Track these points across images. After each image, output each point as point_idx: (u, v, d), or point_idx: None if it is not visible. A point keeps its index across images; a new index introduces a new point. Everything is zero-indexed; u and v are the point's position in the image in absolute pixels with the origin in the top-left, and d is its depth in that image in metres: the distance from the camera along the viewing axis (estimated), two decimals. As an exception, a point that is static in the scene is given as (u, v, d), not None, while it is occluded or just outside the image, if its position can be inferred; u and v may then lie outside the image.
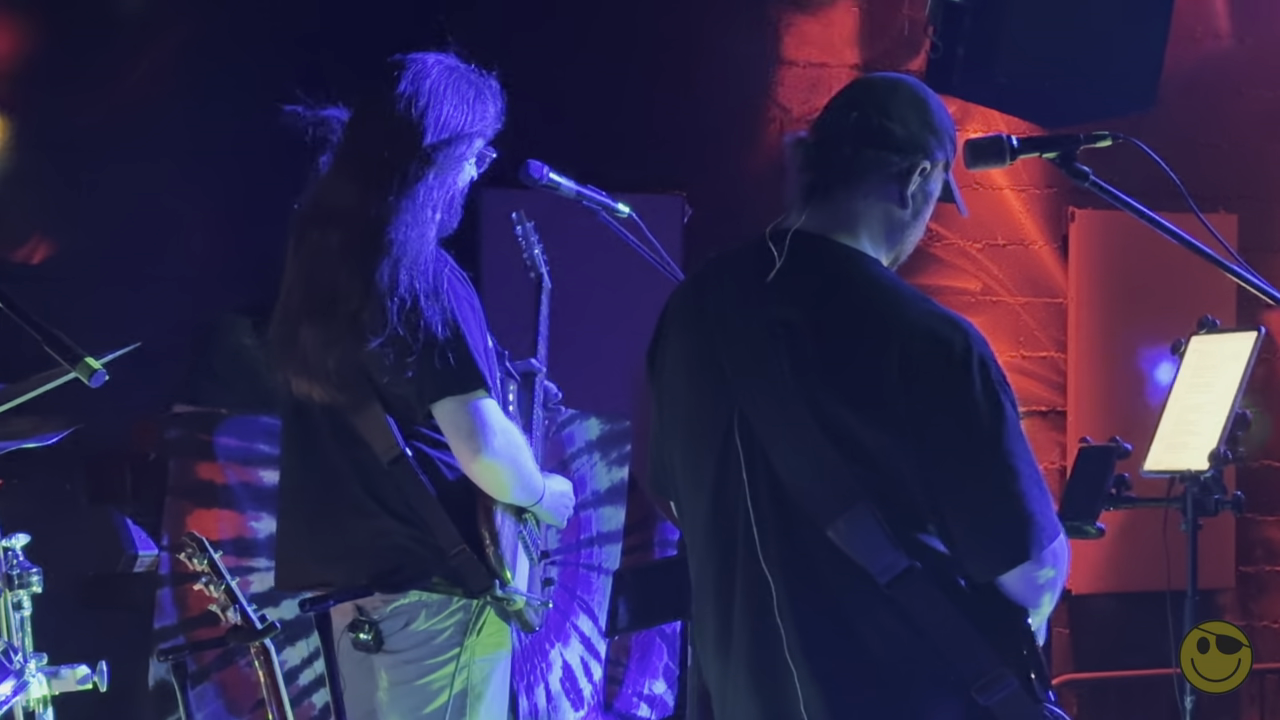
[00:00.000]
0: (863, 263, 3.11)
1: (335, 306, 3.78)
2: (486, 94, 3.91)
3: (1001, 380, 2.99)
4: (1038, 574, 2.99)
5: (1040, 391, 7.11)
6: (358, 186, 3.82)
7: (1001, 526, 2.97)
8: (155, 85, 5.75)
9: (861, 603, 3.00)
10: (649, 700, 5.42)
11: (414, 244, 3.76)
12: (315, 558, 3.93)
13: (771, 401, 3.05)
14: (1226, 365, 4.51)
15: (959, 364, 2.97)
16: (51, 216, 5.54)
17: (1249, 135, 7.41)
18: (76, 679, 3.54)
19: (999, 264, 7.10)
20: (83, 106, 5.69)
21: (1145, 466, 4.57)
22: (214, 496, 4.75)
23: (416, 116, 3.80)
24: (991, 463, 2.97)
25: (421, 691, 3.88)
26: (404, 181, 3.78)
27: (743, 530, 3.08)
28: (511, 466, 3.82)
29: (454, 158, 3.86)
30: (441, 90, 3.84)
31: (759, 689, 3.09)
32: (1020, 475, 2.97)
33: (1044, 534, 2.97)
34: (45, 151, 5.65)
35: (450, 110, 3.84)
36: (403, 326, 3.70)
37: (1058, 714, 3.00)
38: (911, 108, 3.15)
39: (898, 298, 3.05)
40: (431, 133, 3.81)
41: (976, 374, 2.96)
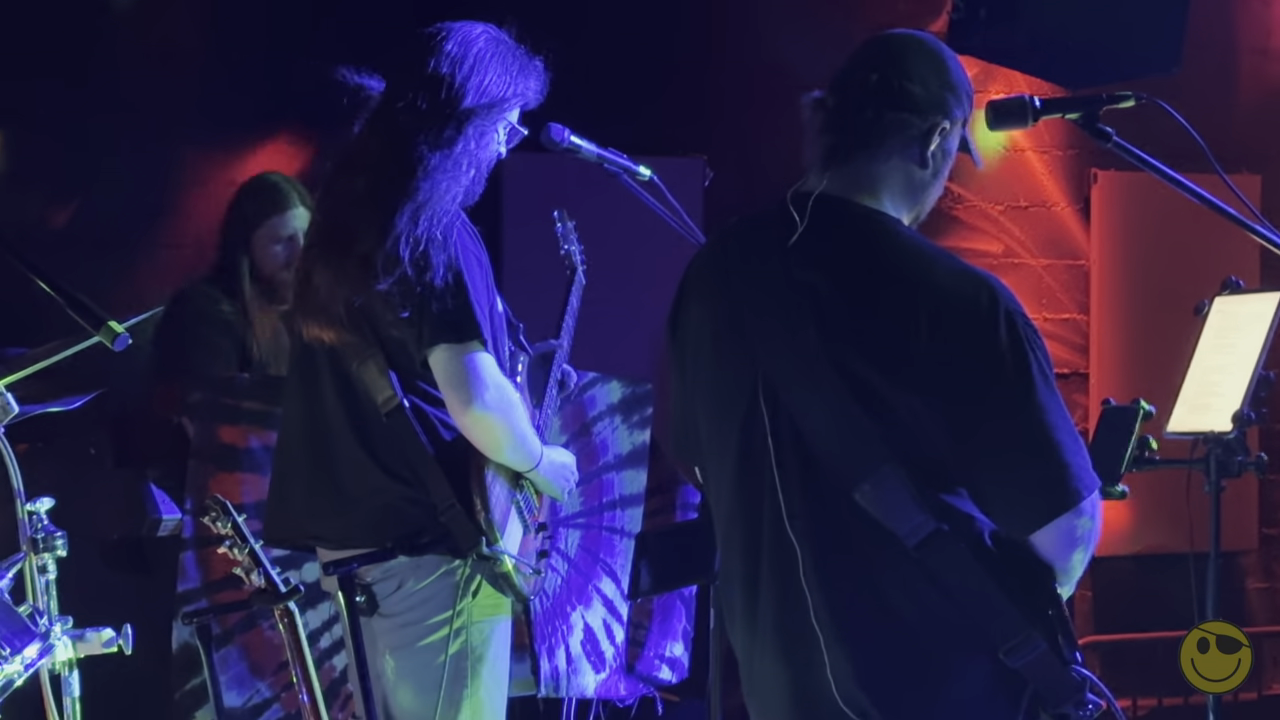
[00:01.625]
0: (886, 223, 3.10)
1: (350, 247, 3.80)
2: (530, 69, 3.94)
3: (1031, 333, 3.00)
4: (1077, 524, 2.98)
5: (1062, 353, 7.11)
6: (393, 138, 3.84)
7: (1040, 478, 2.97)
8: (166, 58, 5.74)
9: (889, 566, 3.01)
10: (670, 662, 5.43)
11: (439, 196, 3.78)
12: (306, 512, 3.95)
13: (797, 365, 3.05)
14: (1250, 326, 4.50)
15: (986, 319, 2.97)
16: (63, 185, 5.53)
17: (1274, 96, 7.38)
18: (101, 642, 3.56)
19: (1021, 226, 7.09)
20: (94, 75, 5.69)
21: (1168, 428, 4.56)
22: (237, 460, 4.76)
23: (460, 79, 3.83)
24: (1025, 415, 2.96)
25: (424, 654, 3.91)
26: (439, 137, 3.81)
27: (768, 495, 3.08)
28: (504, 423, 3.83)
29: (490, 122, 3.88)
30: (487, 58, 3.87)
31: (786, 654, 3.10)
32: (1055, 426, 2.96)
33: (1082, 484, 2.97)
34: (57, 123, 5.65)
35: (494, 78, 3.86)
36: (412, 268, 3.72)
37: (1085, 675, 3.00)
38: (930, 67, 3.14)
39: (922, 256, 3.05)
40: (472, 96, 3.84)
41: (1004, 328, 2.97)
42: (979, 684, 3.01)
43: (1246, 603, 7.39)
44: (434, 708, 3.89)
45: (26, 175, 5.48)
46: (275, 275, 5.13)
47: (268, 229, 5.18)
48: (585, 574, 5.18)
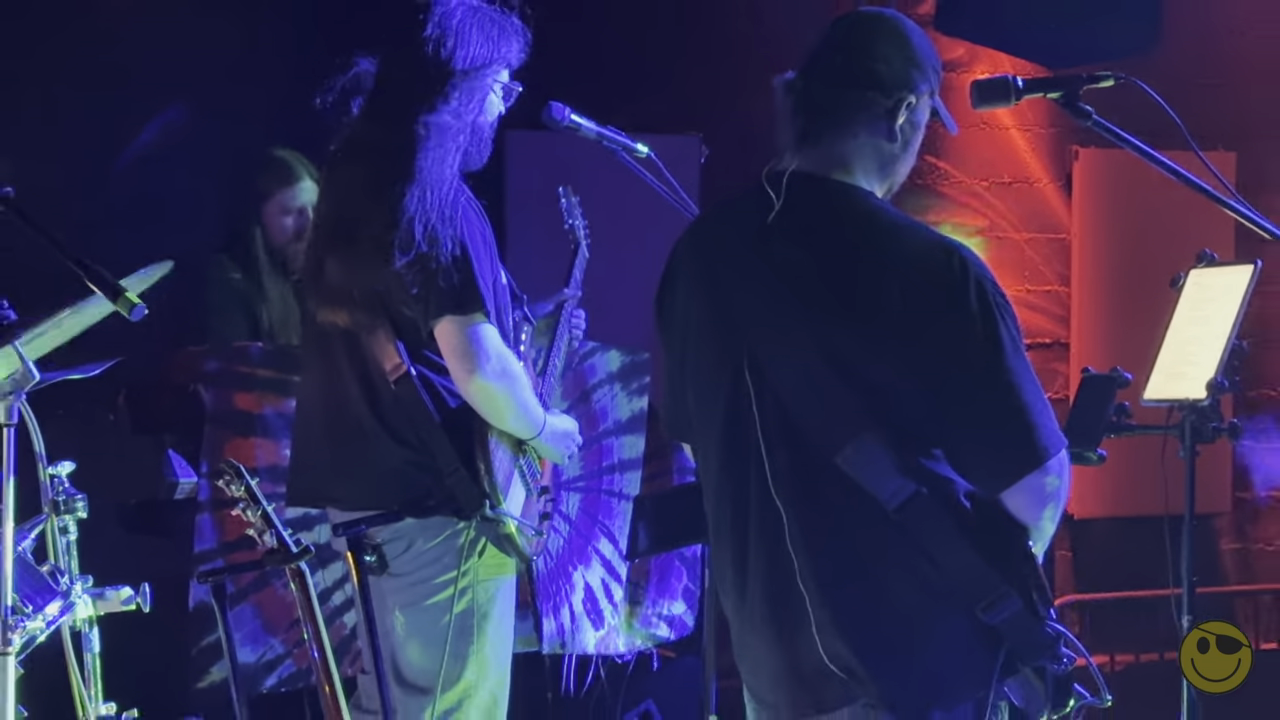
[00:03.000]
0: (859, 197, 3.11)
1: (359, 231, 3.81)
2: (509, 29, 3.95)
3: (1000, 299, 3.00)
4: (1045, 481, 3.00)
5: (1044, 324, 7.10)
6: (387, 122, 3.86)
7: (1009, 437, 2.99)
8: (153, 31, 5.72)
9: (870, 529, 3.01)
10: (668, 620, 5.44)
11: (437, 170, 3.80)
12: (322, 476, 3.98)
13: (779, 338, 3.07)
14: (1224, 298, 4.49)
15: (957, 286, 2.97)
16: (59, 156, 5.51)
17: (1249, 75, 7.36)
18: (120, 600, 3.57)
19: (1005, 201, 7.08)
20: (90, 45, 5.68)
21: (1145, 395, 4.56)
22: (251, 426, 4.77)
23: (445, 55, 3.84)
24: (995, 377, 2.98)
25: (431, 612, 3.93)
26: (431, 112, 3.82)
27: (754, 465, 3.09)
28: (506, 392, 3.85)
29: (479, 87, 3.89)
30: (467, 28, 3.87)
31: (774, 616, 3.11)
32: (1023, 389, 2.98)
33: (1049, 443, 2.99)
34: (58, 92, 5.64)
35: (476, 46, 3.87)
36: (426, 244, 3.73)
37: (1059, 630, 3.02)
38: (893, 44, 3.14)
39: (895, 228, 3.06)
40: (458, 65, 3.84)
41: (974, 295, 2.97)
42: (958, 640, 3.02)
43: (1220, 563, 7.40)
44: (440, 662, 3.91)
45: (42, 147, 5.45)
46: (286, 246, 5.15)
47: (277, 201, 5.20)
48: (585, 535, 5.19)
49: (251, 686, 4.63)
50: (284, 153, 5.26)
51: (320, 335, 4.00)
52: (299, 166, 5.18)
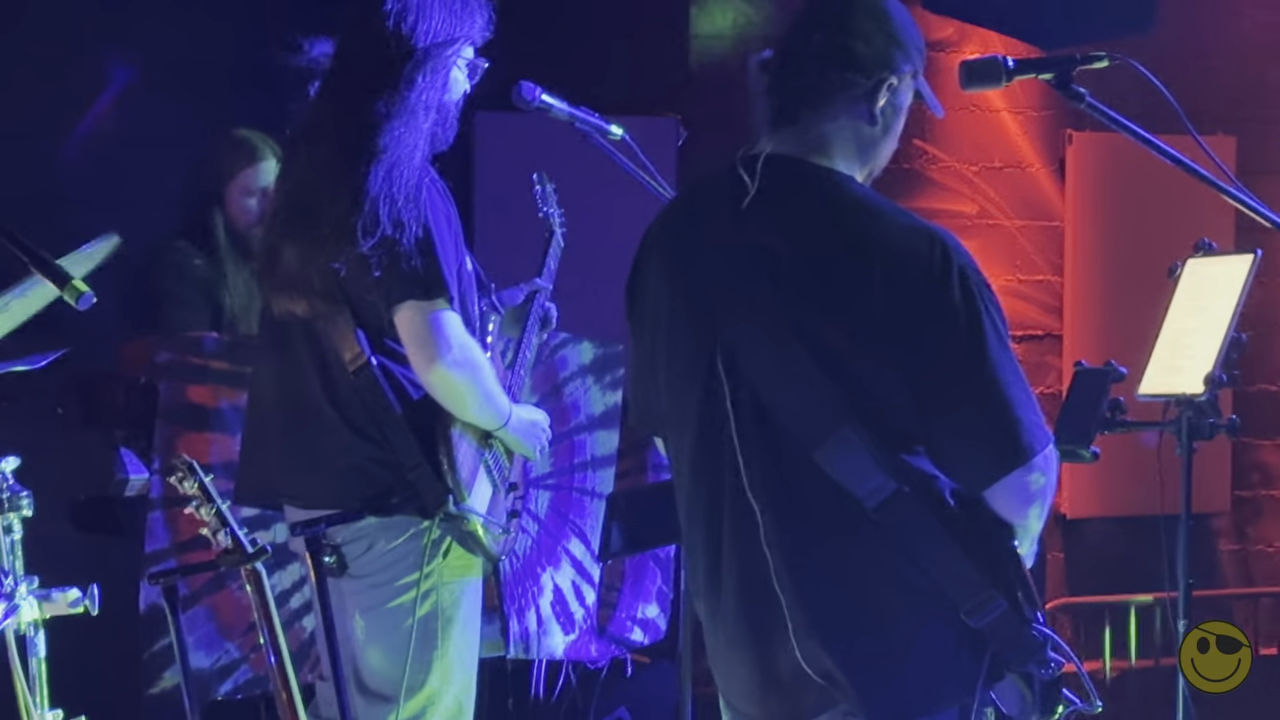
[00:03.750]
0: (839, 182, 3.11)
1: (320, 214, 3.80)
2: (473, 3, 3.95)
3: (984, 288, 3.01)
4: (1029, 479, 3.01)
5: (1036, 315, 7.13)
6: (348, 102, 3.86)
7: (992, 432, 3.00)
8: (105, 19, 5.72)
9: (849, 529, 3.02)
10: (642, 624, 5.45)
11: (404, 149, 3.80)
12: (276, 471, 3.97)
13: (755, 328, 3.06)
14: (1223, 288, 4.51)
15: (939, 274, 2.98)
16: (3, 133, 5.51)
17: (1248, 57, 7.40)
18: (68, 602, 3.55)
19: (995, 187, 7.10)
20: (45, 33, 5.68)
21: (1140, 390, 4.58)
22: (205, 420, 4.76)
23: (407, 30, 3.85)
24: (978, 370, 2.98)
25: (394, 615, 3.93)
26: (395, 90, 3.82)
27: (728, 461, 3.09)
28: (469, 381, 3.84)
29: (442, 63, 3.89)
30: (428, 2, 3.86)
31: (749, 618, 3.11)
32: (1008, 382, 2.99)
33: (1035, 439, 3.00)
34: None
35: (438, 21, 3.87)
36: (390, 226, 3.73)
37: (1046, 634, 3.03)
38: (873, 21, 3.14)
39: (876, 214, 3.06)
40: (420, 41, 3.84)
41: (957, 283, 2.98)
42: (941, 644, 3.03)
43: (1219, 565, 7.44)
44: (403, 669, 3.91)
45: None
46: (249, 230, 5.13)
47: (240, 182, 5.19)
48: (555, 535, 5.20)
49: (205, 693, 4.63)
50: (247, 132, 5.24)
51: (277, 325, 3.99)
52: (263, 146, 5.16)
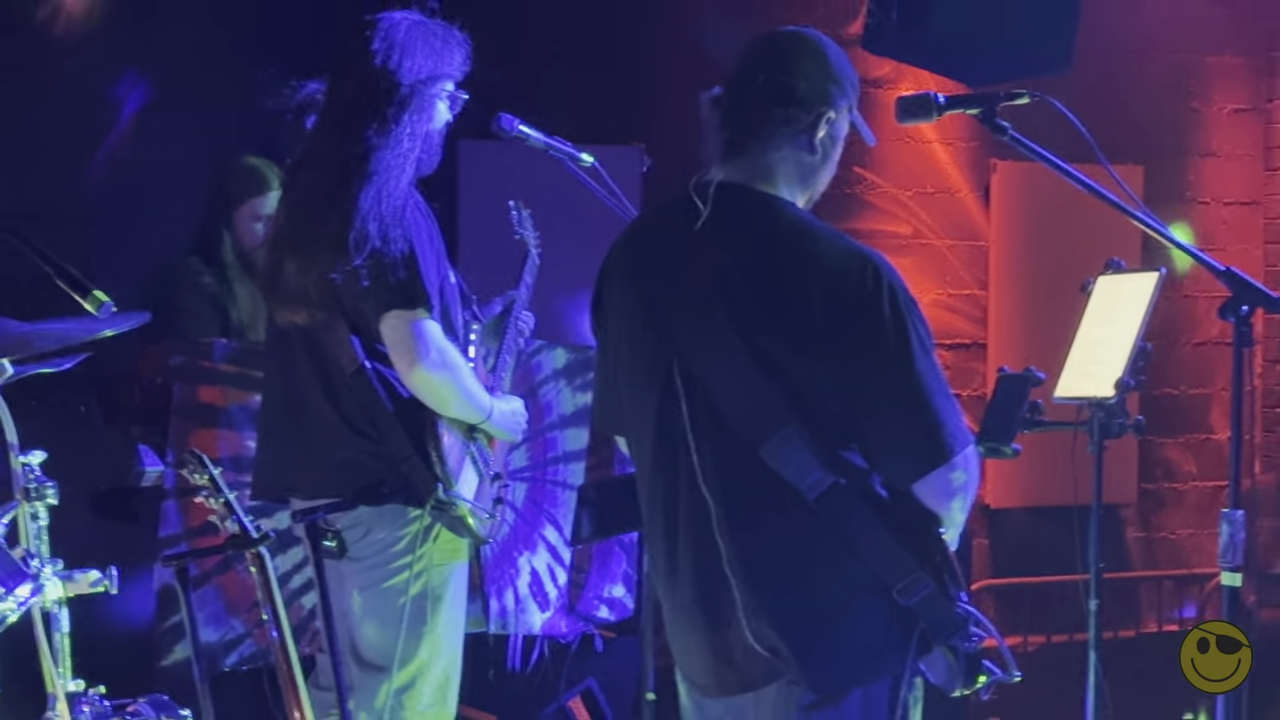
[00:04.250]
0: (782, 207, 3.11)
1: (316, 232, 3.81)
2: (452, 41, 3.95)
3: (911, 305, 3.02)
4: (951, 476, 3.02)
5: (963, 326, 7.13)
6: (342, 132, 3.85)
7: (917, 435, 3.00)
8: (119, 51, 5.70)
9: (792, 518, 3.02)
10: (609, 603, 5.44)
11: (392, 174, 3.80)
12: (284, 467, 3.97)
13: (707, 338, 3.06)
14: (1130, 302, 4.52)
15: (871, 292, 2.98)
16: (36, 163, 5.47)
17: (1155, 95, 7.42)
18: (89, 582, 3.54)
19: (927, 210, 7.11)
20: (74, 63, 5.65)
21: (1056, 393, 4.59)
22: (214, 418, 4.75)
23: (393, 66, 3.85)
24: (904, 379, 2.99)
25: (388, 594, 3.93)
26: (383, 122, 3.83)
27: (684, 457, 3.09)
28: (448, 381, 3.84)
29: (426, 97, 3.89)
30: (411, 41, 3.87)
31: (702, 600, 3.11)
32: (931, 389, 3.00)
33: (955, 440, 3.01)
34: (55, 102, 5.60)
35: (421, 58, 3.87)
36: (378, 240, 3.73)
37: (969, 611, 3.04)
38: (813, 62, 3.15)
39: (816, 237, 3.07)
40: (405, 78, 3.84)
41: (886, 301, 2.98)
42: (875, 621, 3.03)
43: (1126, 550, 7.45)
44: (396, 642, 3.91)
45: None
46: (254, 250, 5.11)
47: (249, 208, 5.18)
48: (531, 523, 5.19)
49: (213, 665, 4.60)
50: (256, 161, 5.22)
51: (280, 335, 3.99)
52: (270, 175, 5.15)
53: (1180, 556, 7.53)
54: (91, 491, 4.95)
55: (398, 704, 3.93)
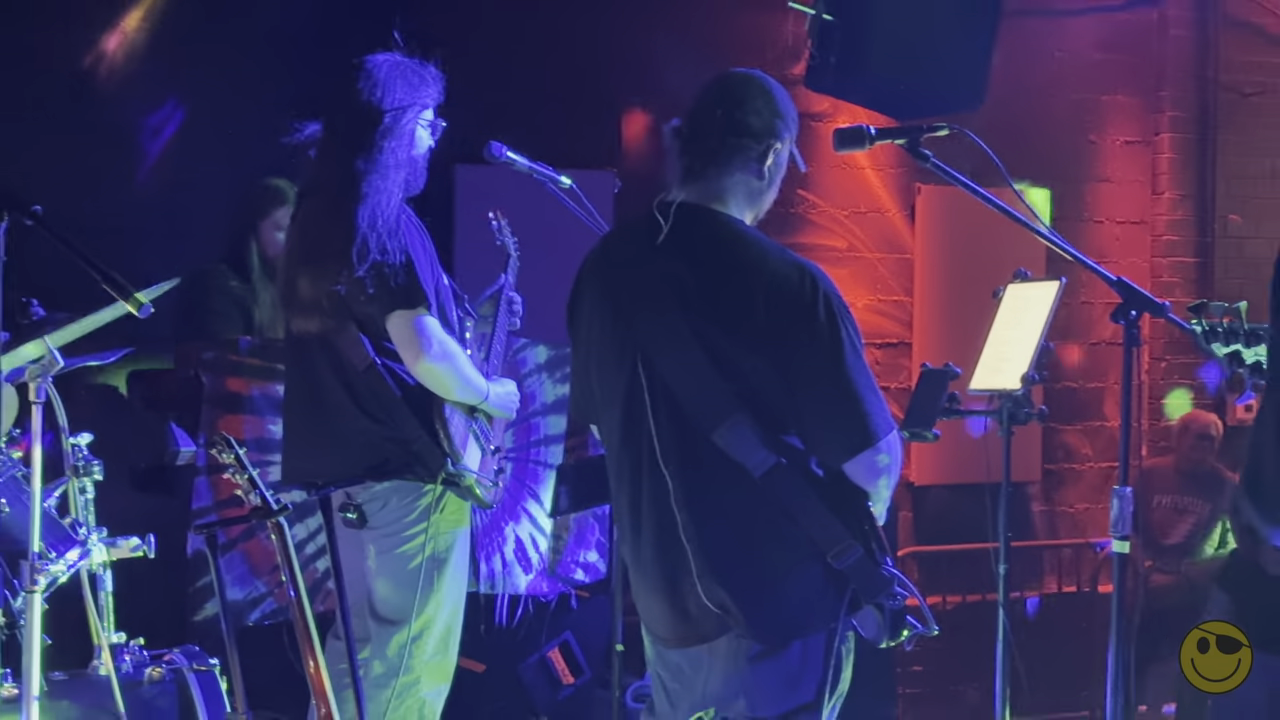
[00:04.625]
0: (732, 224, 3.12)
1: (324, 248, 3.81)
2: (427, 76, 3.96)
3: (843, 310, 3.02)
4: (876, 459, 3.02)
5: (892, 327, 7.14)
6: (336, 161, 3.86)
7: (847, 422, 3.01)
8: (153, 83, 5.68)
9: (740, 493, 3.02)
10: (584, 567, 5.43)
11: (382, 195, 3.81)
12: (309, 454, 3.95)
13: (667, 337, 3.06)
14: (1035, 307, 4.53)
15: (809, 299, 2.99)
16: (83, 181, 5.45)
17: (1058, 128, 7.44)
18: (130, 548, 3.54)
19: (861, 227, 7.11)
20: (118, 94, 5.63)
21: (971, 385, 4.60)
22: (240, 404, 4.73)
23: (375, 101, 3.86)
24: (836, 374, 2.99)
25: (400, 558, 3.92)
26: (370, 150, 3.83)
27: (646, 440, 3.09)
28: (449, 369, 3.85)
29: (406, 125, 3.89)
30: (391, 79, 3.89)
31: (661, 561, 3.11)
32: (859, 383, 3.00)
33: (879, 427, 3.01)
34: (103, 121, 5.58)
35: (399, 92, 3.88)
36: (377, 253, 3.72)
37: (894, 573, 3.05)
38: (763, 100, 3.15)
39: (761, 250, 3.07)
40: (387, 110, 3.84)
41: (822, 306, 2.99)
42: (812, 582, 3.03)
43: (1031, 522, 7.46)
44: (409, 598, 3.92)
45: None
46: (276, 258, 5.09)
47: (272, 220, 5.16)
48: (516, 497, 5.18)
49: (239, 620, 4.59)
50: (277, 180, 5.21)
51: (298, 342, 3.98)
52: (289, 192, 5.12)
53: (1078, 527, 7.55)
54: (132, 469, 4.93)
55: (408, 653, 3.93)
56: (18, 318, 3.37)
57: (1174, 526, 6.71)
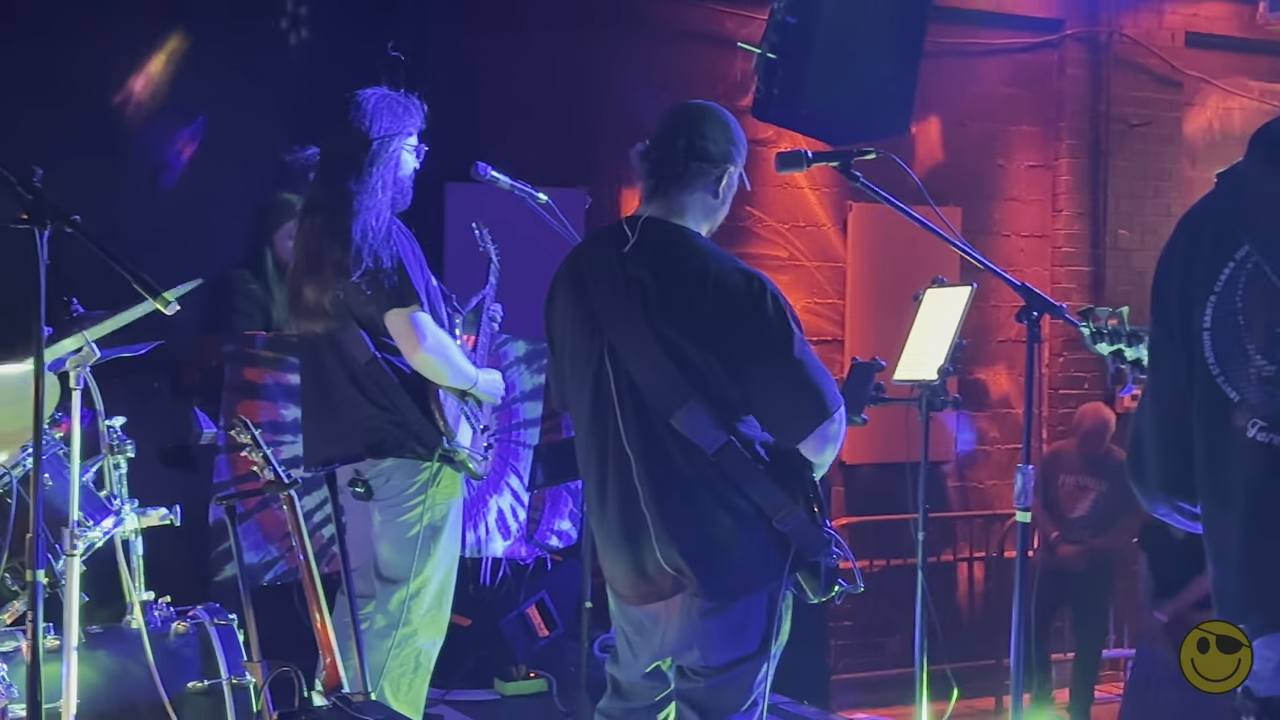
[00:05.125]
0: (690, 236, 3.12)
1: (324, 260, 3.81)
2: (411, 107, 3.96)
3: (787, 307, 3.03)
4: (831, 428, 3.03)
5: (826, 327, 7.17)
6: (332, 183, 3.86)
7: (806, 400, 3.02)
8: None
9: (694, 468, 3.02)
10: (558, 534, 5.43)
11: (372, 211, 3.82)
12: (323, 439, 3.94)
13: (630, 333, 3.06)
14: (950, 308, 4.54)
15: (757, 299, 3.00)
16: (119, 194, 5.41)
17: (971, 154, 7.48)
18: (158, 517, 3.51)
19: (800, 239, 7.13)
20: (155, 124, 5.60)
21: (895, 377, 4.60)
22: (256, 391, 4.71)
23: (364, 129, 3.84)
24: (790, 361, 3.01)
25: (402, 526, 3.92)
26: (359, 172, 3.83)
27: (612, 423, 3.09)
28: (442, 360, 3.85)
29: (392, 151, 3.87)
30: (379, 110, 3.89)
31: (624, 529, 3.11)
32: (810, 366, 3.02)
33: (832, 401, 3.03)
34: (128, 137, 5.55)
35: (385, 121, 3.88)
36: (370, 261, 3.71)
37: (832, 534, 3.06)
38: (719, 129, 3.15)
39: (714, 258, 3.07)
40: (374, 137, 3.83)
41: (770, 306, 3.00)
42: (758, 545, 3.03)
43: (946, 495, 7.51)
44: (408, 560, 3.91)
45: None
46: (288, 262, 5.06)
47: (284, 230, 5.13)
48: (498, 473, 5.17)
49: (254, 580, 4.57)
50: (288, 195, 5.18)
51: (307, 343, 3.98)
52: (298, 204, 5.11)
53: (987, 501, 7.60)
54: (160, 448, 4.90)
55: (407, 608, 3.92)
56: (59, 315, 3.34)
57: (1077, 502, 6.75)
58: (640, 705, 3.26)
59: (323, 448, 3.95)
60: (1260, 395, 2.01)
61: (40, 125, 5.02)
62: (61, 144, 5.15)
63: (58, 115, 5.21)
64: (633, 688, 3.27)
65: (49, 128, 5.08)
